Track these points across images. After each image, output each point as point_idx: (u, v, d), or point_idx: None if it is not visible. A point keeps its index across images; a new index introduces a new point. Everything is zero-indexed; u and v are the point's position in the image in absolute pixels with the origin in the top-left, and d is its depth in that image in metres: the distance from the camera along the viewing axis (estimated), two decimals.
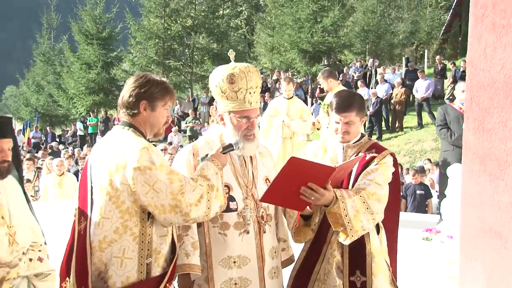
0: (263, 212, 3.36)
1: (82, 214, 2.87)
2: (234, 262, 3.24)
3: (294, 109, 9.01)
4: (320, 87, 22.62)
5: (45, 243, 3.52)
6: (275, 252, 3.44)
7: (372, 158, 3.41)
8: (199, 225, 3.22)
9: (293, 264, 3.61)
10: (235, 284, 3.24)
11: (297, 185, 3.07)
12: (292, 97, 9.21)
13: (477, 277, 2.93)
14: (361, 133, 3.58)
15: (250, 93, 3.28)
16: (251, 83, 3.28)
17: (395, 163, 3.53)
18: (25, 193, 3.52)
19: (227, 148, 3.16)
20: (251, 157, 3.44)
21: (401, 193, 10.37)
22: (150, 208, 2.72)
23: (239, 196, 3.29)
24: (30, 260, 3.26)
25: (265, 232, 3.35)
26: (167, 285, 2.83)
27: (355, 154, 3.48)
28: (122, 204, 2.73)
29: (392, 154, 3.50)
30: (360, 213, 3.19)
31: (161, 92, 2.92)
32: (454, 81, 19.42)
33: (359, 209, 3.19)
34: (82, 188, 2.93)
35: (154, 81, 2.92)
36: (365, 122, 7.02)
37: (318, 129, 9.04)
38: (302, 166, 3.03)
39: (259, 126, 3.56)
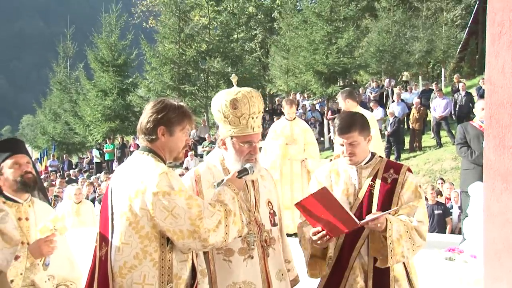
0: (266, 236, 3.34)
1: (104, 240, 2.86)
2: None
3: (297, 131, 8.98)
4: (332, 109, 22.61)
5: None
6: (282, 274, 3.40)
7: (394, 181, 3.38)
8: (204, 252, 3.20)
9: None
10: None
11: (321, 212, 3.07)
12: (295, 118, 9.19)
13: None
14: (371, 152, 3.55)
15: (252, 118, 3.27)
16: (254, 108, 3.27)
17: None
18: None
19: (242, 173, 3.14)
20: (252, 180, 3.43)
21: None
22: (169, 234, 2.71)
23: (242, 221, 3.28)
24: None
25: (269, 255, 3.32)
26: None
27: (371, 176, 3.45)
28: (141, 229, 2.73)
29: (409, 169, 3.48)
30: (403, 238, 3.17)
31: (178, 117, 2.94)
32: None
33: (402, 234, 3.17)
34: (103, 214, 2.93)
35: (171, 106, 2.93)
36: (383, 143, 6.95)
37: None
38: (329, 201, 3.03)
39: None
